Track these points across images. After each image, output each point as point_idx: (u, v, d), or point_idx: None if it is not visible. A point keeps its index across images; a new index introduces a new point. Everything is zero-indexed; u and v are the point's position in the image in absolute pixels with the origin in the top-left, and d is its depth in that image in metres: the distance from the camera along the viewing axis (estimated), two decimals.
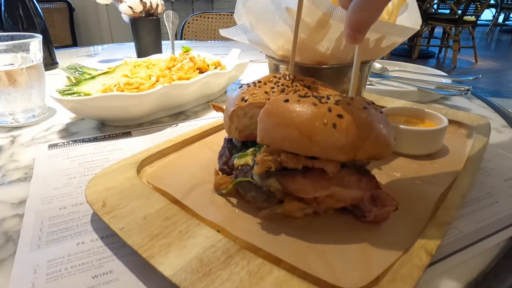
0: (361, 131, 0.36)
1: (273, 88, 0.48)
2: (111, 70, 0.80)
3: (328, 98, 0.39)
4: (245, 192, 0.43)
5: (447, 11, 5.90)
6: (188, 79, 0.78)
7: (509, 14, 8.60)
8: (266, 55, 0.62)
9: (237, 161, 0.45)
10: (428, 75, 1.04)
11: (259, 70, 1.20)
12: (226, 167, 0.50)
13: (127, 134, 0.71)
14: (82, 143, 0.67)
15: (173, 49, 1.05)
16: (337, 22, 0.48)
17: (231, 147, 0.50)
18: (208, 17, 2.37)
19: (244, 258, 0.34)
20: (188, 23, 2.31)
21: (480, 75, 1.07)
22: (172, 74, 0.79)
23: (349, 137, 0.35)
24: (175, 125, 0.76)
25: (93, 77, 0.77)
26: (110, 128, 0.74)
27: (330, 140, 0.35)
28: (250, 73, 1.07)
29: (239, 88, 0.50)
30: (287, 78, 0.51)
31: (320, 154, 0.37)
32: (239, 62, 0.93)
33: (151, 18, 1.27)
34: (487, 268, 0.38)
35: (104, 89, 0.72)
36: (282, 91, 0.48)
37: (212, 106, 0.54)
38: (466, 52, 5.73)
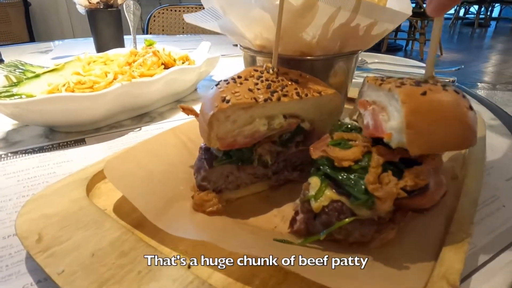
0: None
1: (257, 84, 0.40)
2: (59, 67, 0.69)
3: (427, 81, 0.35)
4: (349, 234, 0.34)
5: (413, 5, 6.04)
6: (151, 75, 0.69)
7: (469, 8, 8.94)
8: (240, 45, 0.54)
9: (317, 204, 0.35)
10: (409, 67, 1.00)
11: (232, 65, 1.11)
12: (205, 183, 0.41)
13: (80, 142, 0.60)
14: (24, 154, 0.56)
15: (134, 42, 0.95)
16: (326, 4, 0.41)
17: (210, 158, 0.42)
18: (176, 10, 2.24)
19: None
20: (154, 16, 2.17)
21: (463, 66, 1.04)
22: (133, 71, 0.69)
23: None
24: (139, 129, 0.67)
25: (37, 76, 0.66)
26: (60, 135, 0.63)
27: (475, 123, 0.33)
28: (222, 68, 0.99)
29: (216, 85, 0.41)
30: (271, 71, 0.43)
31: (474, 142, 0.33)
32: (209, 56, 0.85)
33: (110, 9, 1.15)
34: None
35: (50, 89, 0.61)
36: (268, 87, 0.40)
37: (181, 109, 0.46)
38: None
